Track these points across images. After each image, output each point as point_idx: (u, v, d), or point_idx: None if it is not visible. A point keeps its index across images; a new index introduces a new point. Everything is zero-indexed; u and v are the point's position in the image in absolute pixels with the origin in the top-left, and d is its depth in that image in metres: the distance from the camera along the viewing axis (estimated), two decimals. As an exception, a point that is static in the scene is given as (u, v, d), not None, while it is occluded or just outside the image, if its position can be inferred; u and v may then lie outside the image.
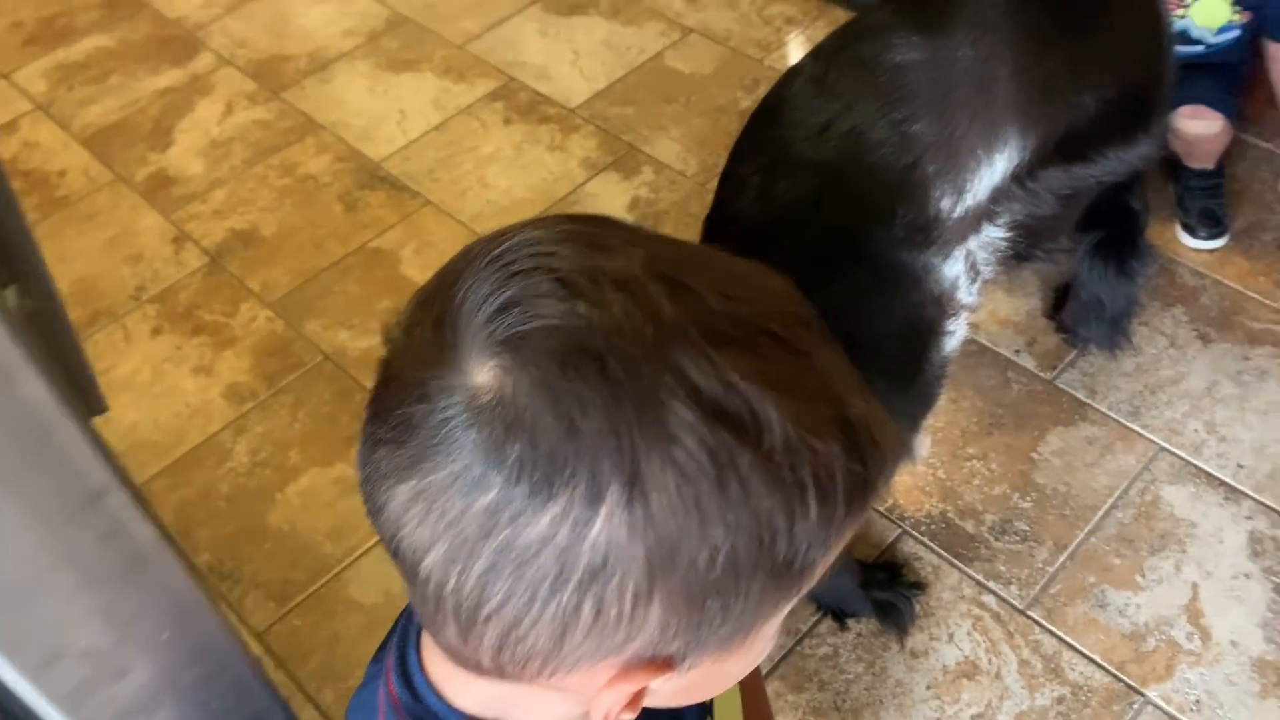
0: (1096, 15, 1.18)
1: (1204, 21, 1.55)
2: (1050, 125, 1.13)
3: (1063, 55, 1.13)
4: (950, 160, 1.08)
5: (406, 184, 2.04)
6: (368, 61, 2.31)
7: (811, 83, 1.11)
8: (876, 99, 1.07)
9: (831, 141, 1.07)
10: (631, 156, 2.05)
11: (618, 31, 2.32)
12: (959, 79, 1.09)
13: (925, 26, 1.10)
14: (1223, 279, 1.74)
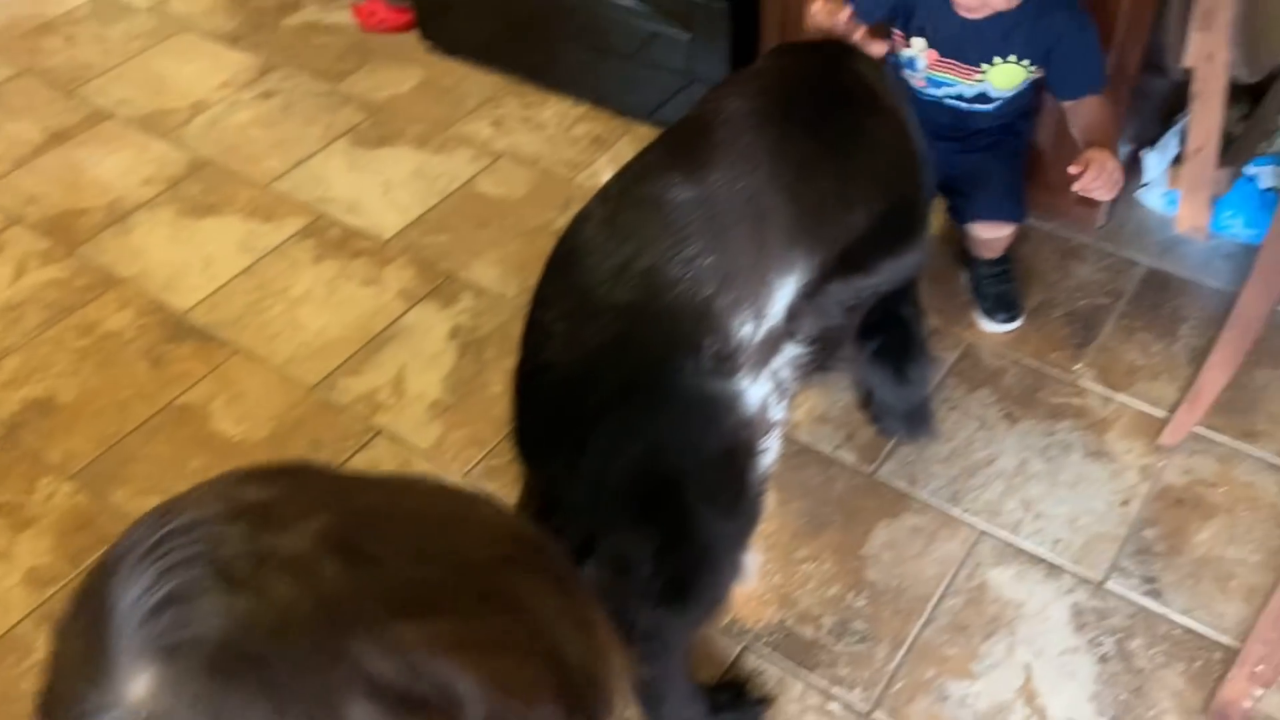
0: (855, 140, 1.24)
1: (1002, 83, 1.62)
2: (829, 244, 1.17)
3: (831, 178, 1.18)
4: (747, 287, 1.10)
5: (214, 333, 1.97)
6: (169, 209, 2.24)
7: (602, 225, 1.13)
8: (668, 237, 1.08)
9: (631, 282, 1.08)
10: (449, 284, 2.03)
11: (428, 160, 2.32)
12: (742, 210, 1.12)
13: (700, 163, 1.13)
14: (1022, 358, 1.82)
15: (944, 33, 1.59)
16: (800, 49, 1.47)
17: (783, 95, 1.25)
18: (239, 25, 2.77)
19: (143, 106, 2.52)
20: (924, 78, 1.66)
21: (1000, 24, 1.56)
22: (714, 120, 1.20)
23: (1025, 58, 1.58)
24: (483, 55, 2.55)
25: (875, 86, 1.34)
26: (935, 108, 1.69)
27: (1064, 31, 1.56)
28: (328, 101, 2.50)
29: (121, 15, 2.84)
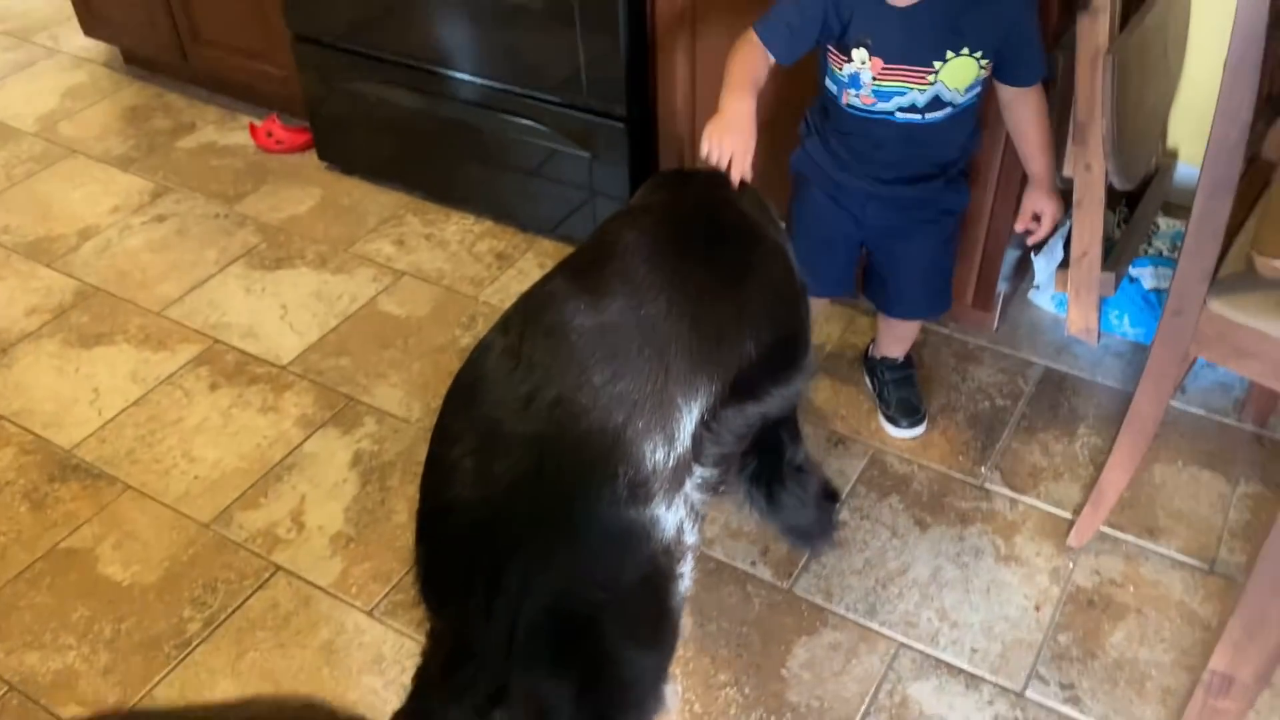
0: (743, 274, 1.26)
1: (955, 83, 1.53)
2: (726, 371, 1.17)
3: (726, 309, 1.19)
4: (656, 414, 1.09)
5: (103, 470, 1.88)
6: (55, 340, 2.15)
7: (506, 356, 1.11)
8: (574, 365, 1.07)
9: (540, 413, 1.06)
10: (351, 408, 1.98)
11: (327, 281, 2.28)
12: (646, 336, 1.12)
13: (601, 292, 1.13)
14: (928, 463, 1.84)
15: (888, 37, 1.50)
16: (683, 180, 1.50)
17: (675, 228, 1.26)
18: (132, 148, 2.73)
19: (28, 234, 2.45)
20: (871, 93, 1.55)
21: (945, 16, 1.48)
22: (612, 251, 1.20)
23: (977, 49, 1.50)
24: (383, 174, 2.54)
25: (755, 220, 1.37)
26: (885, 128, 1.58)
27: (1015, 18, 1.51)
28: (224, 224, 2.46)
29: (7, 140, 2.77)
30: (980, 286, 1.95)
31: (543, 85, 2.13)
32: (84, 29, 2.97)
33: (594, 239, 1.27)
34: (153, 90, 2.96)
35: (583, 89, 2.08)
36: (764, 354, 1.21)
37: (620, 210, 1.42)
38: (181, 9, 2.66)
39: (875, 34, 1.51)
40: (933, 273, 1.79)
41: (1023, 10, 1.52)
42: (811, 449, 1.85)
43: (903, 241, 1.74)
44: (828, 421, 1.92)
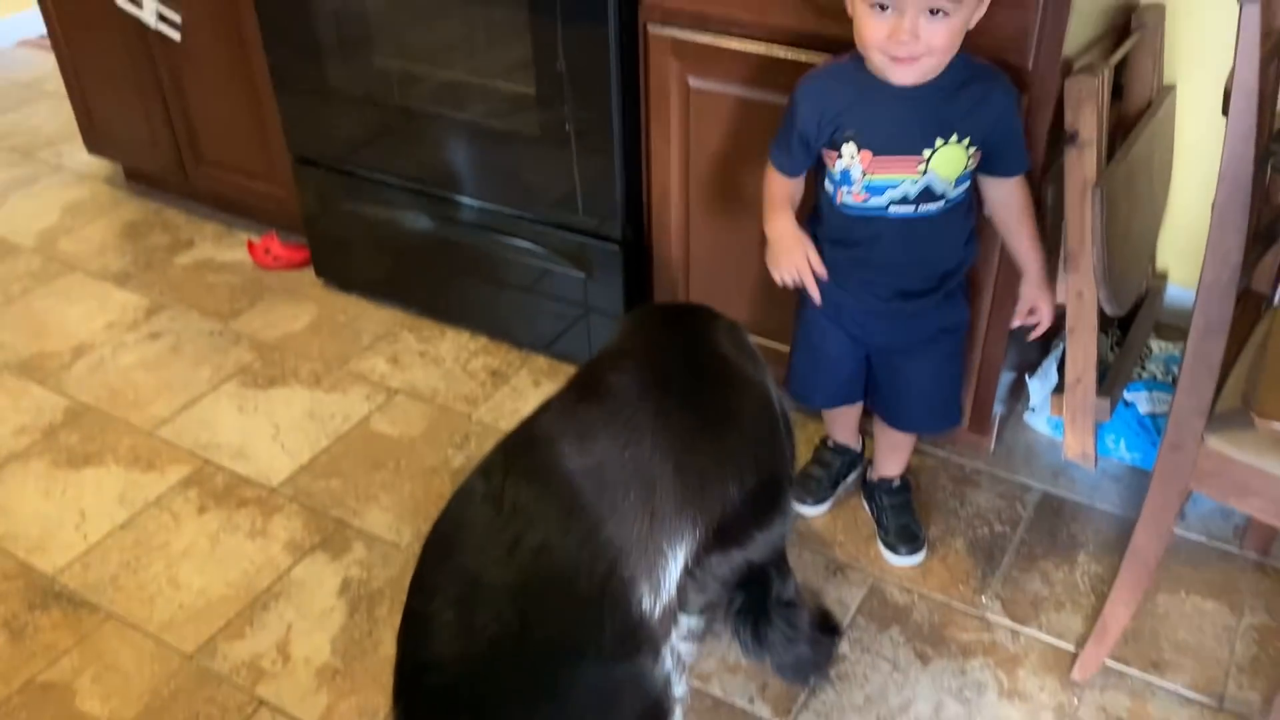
0: (726, 417, 1.26)
1: (946, 172, 1.52)
2: (709, 515, 1.16)
3: (709, 452, 1.19)
4: (642, 561, 1.08)
5: (85, 597, 1.84)
6: (43, 460, 2.13)
7: (487, 503, 1.09)
8: (558, 511, 1.06)
9: (523, 561, 1.04)
10: (340, 533, 1.95)
11: (320, 400, 2.28)
12: (630, 481, 1.11)
13: (585, 434, 1.12)
14: (928, 591, 1.80)
15: (875, 129, 1.50)
16: (663, 318, 1.51)
17: (657, 372, 1.27)
18: (129, 264, 2.74)
19: (22, 351, 2.44)
20: (862, 189, 1.54)
21: (931, 104, 1.48)
22: (594, 394, 1.20)
23: (965, 136, 1.49)
24: (379, 291, 2.56)
25: (734, 360, 1.37)
26: (879, 226, 1.57)
27: (1001, 108, 1.51)
28: (218, 341, 2.46)
29: (5, 256, 2.79)
30: (976, 410, 1.95)
31: (538, 208, 2.16)
32: (87, 146, 3.01)
33: (576, 381, 1.27)
34: (153, 206, 2.99)
35: (578, 212, 2.11)
36: (747, 497, 1.20)
37: (602, 351, 1.42)
38: (184, 128, 2.70)
39: (862, 128, 1.51)
40: (937, 388, 1.77)
41: (1009, 102, 1.53)
42: (811, 577, 1.83)
43: (904, 357, 1.74)
44: (827, 548, 1.89)
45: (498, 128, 2.10)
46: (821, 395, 1.86)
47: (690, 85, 1.88)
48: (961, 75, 1.49)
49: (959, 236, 1.63)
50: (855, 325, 1.71)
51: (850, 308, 1.69)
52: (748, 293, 2.04)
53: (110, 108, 2.85)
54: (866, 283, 1.65)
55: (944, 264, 1.64)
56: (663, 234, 2.08)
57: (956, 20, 1.40)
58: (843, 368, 1.77)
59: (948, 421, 1.83)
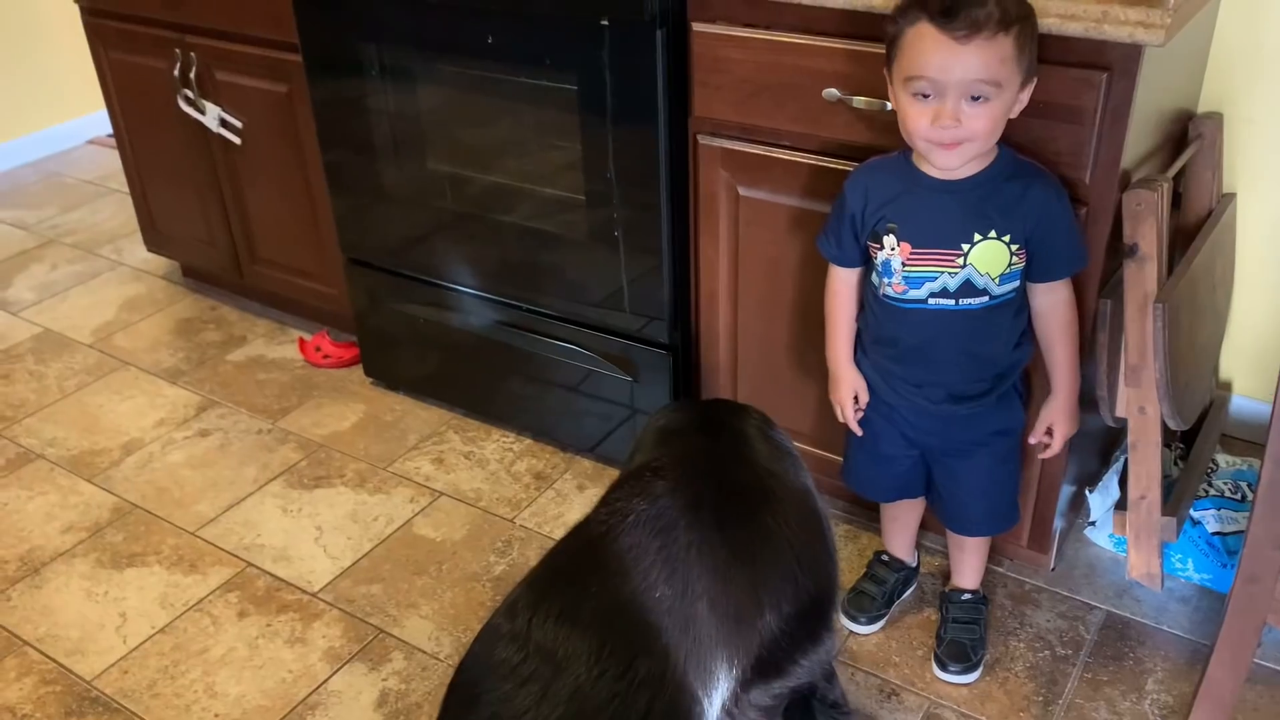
0: (762, 541, 1.21)
1: (986, 267, 1.49)
2: (747, 652, 1.11)
3: (745, 583, 1.14)
4: (675, 704, 1.02)
5: (122, 704, 1.81)
6: (88, 560, 2.13)
7: (513, 644, 1.04)
8: (588, 651, 1.01)
9: (556, 709, 0.99)
10: (380, 642, 1.92)
11: (364, 502, 2.26)
12: (664, 619, 1.06)
13: (614, 571, 1.08)
14: (987, 719, 1.72)
15: (916, 222, 1.51)
16: (693, 421, 1.46)
17: (686, 495, 1.22)
18: (182, 360, 2.78)
19: (73, 446, 2.46)
20: (901, 280, 1.54)
21: (970, 201, 1.48)
22: (622, 523, 1.16)
23: (1006, 233, 1.48)
24: (426, 390, 2.56)
25: (772, 465, 1.32)
26: (920, 318, 1.56)
27: (1043, 204, 1.48)
28: (265, 440, 2.46)
29: (63, 351, 2.84)
30: (1036, 525, 1.88)
31: (585, 311, 2.15)
32: (147, 244, 3.08)
33: (601, 508, 1.23)
34: (208, 303, 3.04)
35: (625, 315, 2.10)
36: (787, 626, 1.15)
37: (629, 468, 1.37)
38: (240, 228, 2.75)
39: (904, 220, 1.52)
40: (994, 489, 1.74)
41: (1050, 197, 1.50)
42: (863, 701, 1.75)
43: (958, 460, 1.70)
44: (880, 669, 1.82)
45: (546, 230, 2.11)
46: (878, 490, 1.83)
47: (740, 194, 1.88)
48: (1005, 171, 1.50)
49: (1008, 336, 1.60)
50: (908, 426, 1.68)
51: (902, 409, 1.66)
52: (796, 400, 2.01)
53: (170, 207, 2.92)
54: (916, 385, 1.62)
55: (994, 365, 1.61)
56: (710, 340, 2.06)
57: (998, 105, 1.41)
58: (898, 465, 1.75)
59: (1006, 523, 1.78)
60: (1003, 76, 1.39)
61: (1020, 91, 1.43)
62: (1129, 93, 1.48)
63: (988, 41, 1.36)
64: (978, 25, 1.35)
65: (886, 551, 1.93)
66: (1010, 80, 1.40)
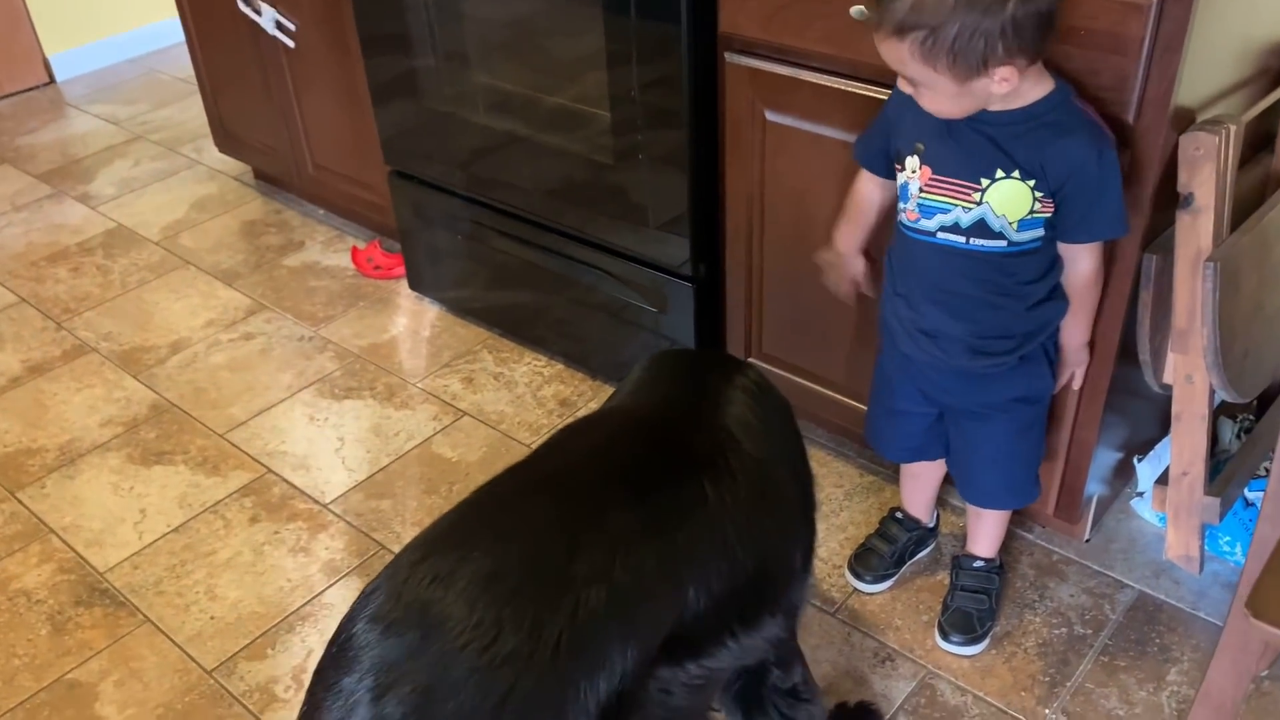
0: (691, 508, 1.08)
1: (1004, 209, 1.36)
2: (652, 629, 1.00)
3: (656, 554, 1.01)
4: (542, 686, 0.90)
5: (128, 598, 1.86)
6: (120, 454, 2.19)
7: (390, 599, 0.96)
8: (457, 620, 0.92)
9: (418, 677, 0.91)
10: (379, 559, 1.92)
11: (389, 416, 2.25)
12: (544, 591, 0.94)
13: (508, 533, 1.00)
14: (985, 695, 1.62)
15: (941, 147, 1.38)
16: (675, 374, 1.33)
17: (615, 458, 1.12)
18: (240, 263, 2.81)
19: (125, 342, 2.53)
20: (915, 207, 1.42)
21: (1001, 134, 1.34)
22: (529, 483, 1.08)
23: (1030, 177, 1.33)
24: (466, 307, 2.53)
25: (737, 436, 1.18)
26: (929, 253, 1.44)
27: (1079, 164, 1.32)
28: (305, 347, 2.47)
29: (131, 247, 2.90)
30: (1063, 496, 1.74)
31: (613, 238, 2.07)
32: (218, 146, 3.11)
33: (518, 468, 1.15)
34: (274, 206, 3.06)
35: (650, 245, 2.00)
36: (714, 604, 1.06)
37: (566, 425, 1.27)
38: (300, 133, 2.74)
39: (931, 142, 1.40)
40: (1008, 462, 1.61)
41: (1089, 156, 1.32)
42: (856, 663, 1.67)
43: (975, 423, 1.58)
44: (880, 632, 1.73)
45: (576, 152, 2.02)
46: (894, 449, 1.72)
47: (767, 119, 1.75)
48: (1047, 113, 1.33)
49: (1029, 290, 1.45)
50: (925, 381, 1.57)
51: (919, 362, 1.55)
52: (821, 343, 1.89)
53: (236, 109, 2.93)
54: (930, 336, 1.50)
55: (1015, 320, 1.47)
56: (737, 273, 1.95)
57: (937, 96, 1.30)
58: (914, 423, 1.64)
59: (1023, 498, 1.65)
60: (912, 75, 1.29)
61: (972, 82, 1.27)
62: (1184, 19, 1.30)
63: (885, 39, 1.26)
64: (879, 22, 1.26)
65: (902, 509, 1.82)
66: (931, 79, 1.27)
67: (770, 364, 2.00)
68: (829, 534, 1.90)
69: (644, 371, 1.33)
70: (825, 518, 1.93)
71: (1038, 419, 1.58)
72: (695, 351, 1.73)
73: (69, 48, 3.96)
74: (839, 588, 1.80)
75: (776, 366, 1.99)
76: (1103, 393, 1.62)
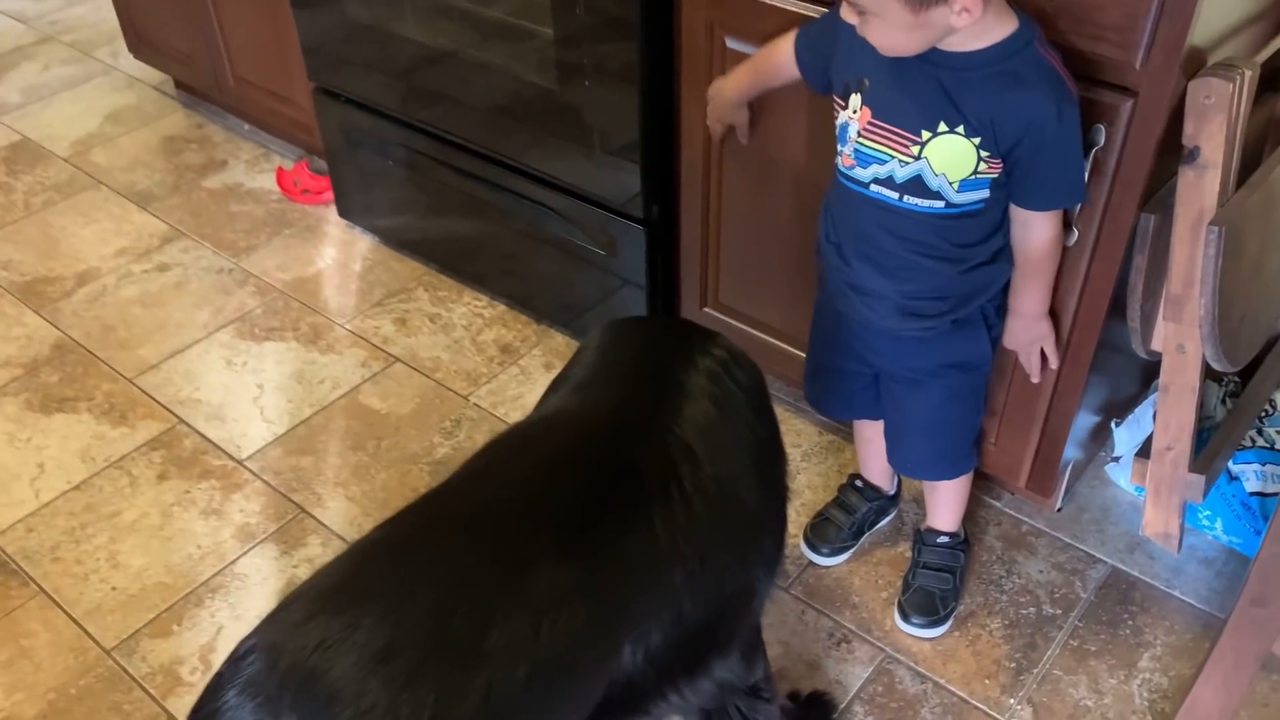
0: (639, 553, 0.91)
1: (944, 167, 1.21)
2: (578, 703, 0.86)
3: (589, 616, 0.85)
4: None
5: (20, 566, 1.70)
6: (18, 400, 2.00)
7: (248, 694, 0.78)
8: (329, 702, 0.77)
9: None
10: (298, 523, 1.76)
11: (313, 361, 2.08)
12: (445, 670, 0.79)
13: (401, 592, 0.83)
14: (946, 682, 1.51)
15: (885, 88, 1.22)
16: (626, 363, 1.13)
17: (543, 490, 0.93)
18: (156, 184, 2.58)
19: (28, 272, 2.31)
20: (851, 152, 1.27)
21: (949, 81, 1.17)
22: (434, 525, 0.91)
23: (975, 135, 1.18)
24: (401, 240, 2.33)
25: (696, 450, 0.99)
26: (860, 206, 1.29)
27: (1036, 124, 1.16)
28: (225, 281, 2.28)
29: (37, 163, 2.66)
30: (1037, 469, 1.61)
31: (558, 172, 1.88)
32: (132, 52, 2.85)
33: (458, 476, 0.99)
34: (195, 120, 2.82)
35: (598, 181, 1.82)
36: (654, 661, 0.91)
37: (491, 440, 1.09)
38: (219, 40, 2.49)
39: (876, 80, 1.23)
40: (937, 431, 1.49)
41: (1049, 116, 1.16)
42: (809, 645, 1.56)
43: (906, 388, 1.45)
44: (836, 610, 1.61)
45: (518, 75, 1.82)
46: (832, 406, 1.61)
47: (727, 46, 1.56)
48: (998, 58, 1.16)
49: (967, 254, 1.30)
50: (856, 339, 1.44)
51: (852, 319, 1.41)
52: (779, 292, 1.74)
53: (149, 11, 2.66)
54: (860, 294, 1.36)
55: (951, 284, 1.32)
56: (692, 215, 1.78)
57: (884, 26, 1.14)
58: (850, 381, 1.51)
59: (954, 470, 1.54)
60: (862, 3, 1.12)
61: (929, 9, 1.09)
62: (1207, -51, 1.12)
63: None
64: None
65: (860, 475, 1.69)
66: (881, 5, 1.10)
67: (727, 315, 1.84)
68: (785, 499, 1.78)
69: (594, 354, 1.15)
70: (781, 481, 1.80)
71: (974, 387, 1.45)
72: (654, 324, 1.50)
73: (-27, -65, 3.62)
74: (794, 559, 1.68)
75: (733, 318, 1.84)
76: (1087, 361, 1.49)
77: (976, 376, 1.42)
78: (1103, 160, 1.29)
